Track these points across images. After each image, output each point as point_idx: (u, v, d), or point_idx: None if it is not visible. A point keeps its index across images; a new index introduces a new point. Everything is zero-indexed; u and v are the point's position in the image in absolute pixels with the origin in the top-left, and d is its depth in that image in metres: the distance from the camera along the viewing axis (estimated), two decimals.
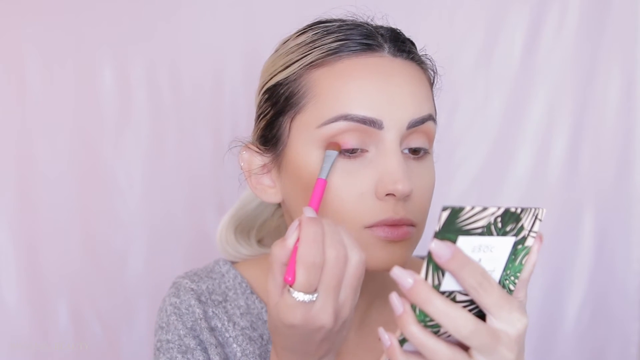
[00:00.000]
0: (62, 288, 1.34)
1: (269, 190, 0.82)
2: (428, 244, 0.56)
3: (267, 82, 0.81)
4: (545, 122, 1.41)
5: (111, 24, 1.33)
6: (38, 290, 1.33)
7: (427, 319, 0.58)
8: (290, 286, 0.64)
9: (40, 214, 1.33)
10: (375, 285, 0.83)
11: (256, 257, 0.94)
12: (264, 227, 0.98)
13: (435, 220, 0.56)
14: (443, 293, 0.58)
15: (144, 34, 1.34)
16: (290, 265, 0.64)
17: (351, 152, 0.74)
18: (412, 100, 0.75)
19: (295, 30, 0.83)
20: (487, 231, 0.57)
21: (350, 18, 0.81)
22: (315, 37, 0.78)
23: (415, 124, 0.75)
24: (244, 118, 1.35)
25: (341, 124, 0.73)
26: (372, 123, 0.73)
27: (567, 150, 1.41)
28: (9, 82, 1.32)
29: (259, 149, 0.82)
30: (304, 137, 0.76)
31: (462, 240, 0.56)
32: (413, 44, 0.81)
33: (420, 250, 0.81)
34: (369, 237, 0.74)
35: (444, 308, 0.56)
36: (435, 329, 0.58)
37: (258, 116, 0.83)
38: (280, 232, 0.97)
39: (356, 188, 0.73)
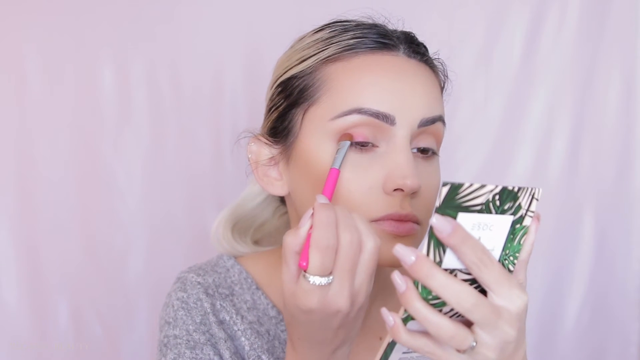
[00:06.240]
0: (62, 288, 1.34)
1: (276, 182, 0.82)
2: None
3: (281, 76, 0.82)
4: (545, 122, 1.41)
5: (111, 25, 1.33)
6: (38, 290, 1.33)
7: (430, 296, 0.58)
8: (305, 271, 0.64)
9: (40, 214, 1.33)
10: (377, 284, 0.83)
11: (259, 253, 0.94)
12: (262, 228, 0.98)
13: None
14: (444, 271, 0.58)
15: (144, 35, 1.34)
16: (304, 251, 0.64)
17: (362, 145, 0.74)
18: (424, 100, 0.76)
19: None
20: (485, 209, 0.57)
21: (366, 19, 0.82)
22: (332, 34, 0.79)
23: (426, 123, 0.76)
24: (244, 118, 1.35)
25: (354, 117, 0.74)
26: (384, 118, 0.74)
27: (567, 150, 1.41)
28: (9, 82, 1.32)
29: (269, 140, 0.82)
30: (317, 129, 0.76)
31: (461, 217, 0.56)
32: (426, 48, 0.82)
33: None
34: (375, 230, 0.74)
35: (446, 282, 0.56)
36: (437, 307, 0.58)
37: (269, 109, 0.83)
38: (280, 233, 0.97)
39: (365, 181, 0.74)
